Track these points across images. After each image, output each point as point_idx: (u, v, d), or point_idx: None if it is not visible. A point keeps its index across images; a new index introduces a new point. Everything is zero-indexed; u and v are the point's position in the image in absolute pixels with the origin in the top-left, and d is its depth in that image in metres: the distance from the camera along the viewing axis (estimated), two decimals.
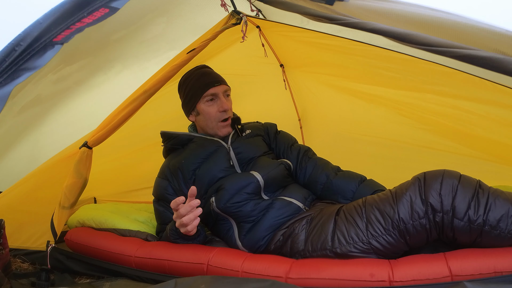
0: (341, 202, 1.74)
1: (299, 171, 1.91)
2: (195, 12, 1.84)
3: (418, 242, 1.35)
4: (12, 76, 0.89)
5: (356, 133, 2.59)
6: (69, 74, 1.49)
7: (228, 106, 1.87)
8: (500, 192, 1.26)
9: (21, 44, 0.91)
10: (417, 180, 1.35)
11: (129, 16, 1.30)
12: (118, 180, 2.63)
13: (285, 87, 2.71)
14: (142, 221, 1.99)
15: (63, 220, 1.76)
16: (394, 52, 1.58)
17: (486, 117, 1.89)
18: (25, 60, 0.91)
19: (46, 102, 1.64)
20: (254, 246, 1.64)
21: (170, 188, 1.79)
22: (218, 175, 1.76)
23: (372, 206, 1.42)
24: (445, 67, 1.55)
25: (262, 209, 1.67)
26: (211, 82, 1.85)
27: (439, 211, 1.27)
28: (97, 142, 1.71)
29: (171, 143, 1.90)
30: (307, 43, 2.08)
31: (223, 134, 1.88)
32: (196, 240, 1.64)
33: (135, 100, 1.66)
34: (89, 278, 1.74)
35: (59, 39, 0.90)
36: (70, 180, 1.72)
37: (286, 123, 2.14)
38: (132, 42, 1.71)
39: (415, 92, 2.06)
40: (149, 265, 1.62)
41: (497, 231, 1.21)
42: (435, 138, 2.23)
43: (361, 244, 1.38)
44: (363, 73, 2.16)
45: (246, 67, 2.57)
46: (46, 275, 1.58)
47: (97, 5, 0.91)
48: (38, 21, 0.92)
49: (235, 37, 1.88)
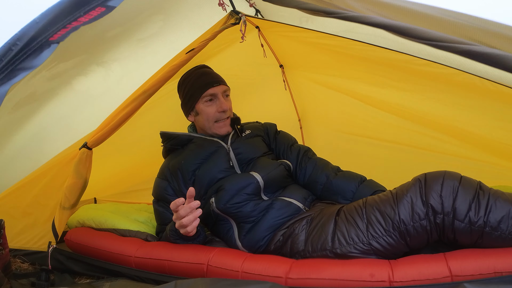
0: (341, 202, 1.74)
1: (299, 171, 1.90)
2: (193, 11, 1.84)
3: (419, 243, 1.34)
4: (8, 76, 0.89)
5: (355, 134, 2.58)
6: (64, 71, 1.48)
7: (227, 106, 1.86)
8: (501, 193, 1.26)
9: (17, 43, 0.90)
10: (417, 181, 1.35)
11: (125, 14, 1.30)
12: (118, 180, 2.63)
13: (285, 88, 2.71)
14: (142, 221, 1.99)
15: (64, 220, 1.76)
16: (394, 52, 1.58)
17: (486, 117, 1.89)
18: (22, 60, 0.90)
19: (41, 99, 1.63)
20: (254, 247, 1.64)
21: (170, 188, 1.79)
22: (218, 176, 1.76)
23: (373, 207, 1.41)
24: (445, 67, 1.55)
25: (262, 210, 1.67)
26: (210, 82, 1.85)
27: (440, 212, 1.27)
28: (97, 143, 1.71)
29: (171, 143, 1.90)
30: (306, 43, 2.07)
31: (222, 133, 1.87)
32: (196, 240, 1.64)
33: (135, 101, 1.66)
34: (89, 278, 1.74)
35: (55, 38, 0.90)
36: (70, 181, 1.72)
37: (286, 123, 2.14)
38: (128, 40, 1.71)
39: (415, 93, 2.06)
40: (149, 265, 1.62)
41: (498, 232, 1.21)
42: (434, 140, 2.23)
43: (361, 245, 1.38)
44: (363, 73, 2.15)
45: (246, 68, 2.56)
46: (46, 275, 1.59)
47: (94, 4, 0.91)
48: (35, 21, 0.91)
49: (234, 37, 1.88)
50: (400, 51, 1.57)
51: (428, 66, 1.58)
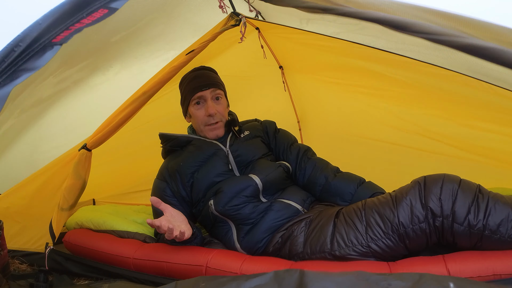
0: (339, 204, 1.74)
1: (299, 171, 1.90)
2: (194, 13, 1.84)
3: (418, 246, 1.35)
4: (11, 77, 0.89)
5: (355, 135, 2.59)
6: (69, 76, 1.48)
7: (214, 110, 1.82)
8: (500, 196, 1.26)
9: (20, 44, 0.90)
10: (417, 184, 1.35)
11: (128, 16, 1.30)
12: (117, 182, 2.63)
13: (284, 89, 2.71)
14: (140, 223, 1.99)
15: (62, 221, 1.75)
16: (393, 54, 1.59)
17: (485, 119, 1.89)
18: (24, 61, 0.90)
19: (45, 103, 1.63)
20: (252, 248, 1.64)
21: (169, 189, 1.79)
22: (217, 179, 1.75)
23: (372, 210, 1.42)
24: (443, 69, 1.55)
25: (260, 212, 1.67)
26: (198, 86, 1.84)
27: (439, 215, 1.27)
28: (96, 144, 1.71)
29: (170, 144, 1.90)
30: (306, 45, 2.08)
31: (211, 137, 1.86)
32: (194, 242, 1.63)
33: (134, 102, 1.66)
34: (87, 279, 1.74)
35: (58, 40, 0.90)
36: (69, 182, 1.72)
37: (285, 125, 2.13)
38: (131, 42, 1.71)
39: (413, 95, 2.06)
40: (147, 267, 1.61)
41: (497, 235, 1.21)
42: (434, 141, 2.23)
43: (360, 247, 1.38)
44: (362, 75, 2.16)
45: (245, 69, 2.57)
46: (44, 277, 1.58)
47: (97, 6, 0.91)
48: (38, 22, 0.92)
49: (235, 38, 1.88)
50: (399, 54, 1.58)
51: (427, 67, 1.59)
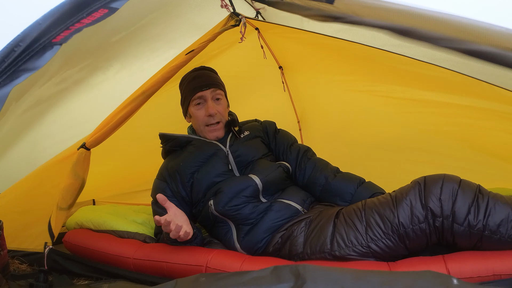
0: (339, 204, 1.74)
1: (299, 172, 1.90)
2: (194, 12, 1.84)
3: (418, 246, 1.35)
4: (11, 77, 0.89)
5: (355, 135, 2.58)
6: (69, 76, 1.48)
7: (214, 110, 1.82)
8: (500, 196, 1.26)
9: (20, 44, 0.90)
10: (417, 184, 1.35)
11: (128, 16, 1.30)
12: (117, 182, 2.62)
13: (284, 89, 2.71)
14: (140, 223, 1.99)
15: (61, 221, 1.75)
16: (393, 54, 1.59)
17: (485, 118, 1.90)
18: (24, 61, 0.90)
19: (45, 103, 1.63)
20: (252, 248, 1.64)
21: (168, 189, 1.79)
22: (216, 179, 1.75)
23: (372, 210, 1.42)
24: (443, 69, 1.55)
25: (260, 212, 1.67)
26: (198, 86, 1.84)
27: (439, 216, 1.27)
28: (95, 144, 1.70)
29: (170, 145, 1.90)
30: (306, 44, 2.08)
31: (211, 138, 1.86)
32: (194, 242, 1.63)
33: (134, 101, 1.66)
34: (87, 279, 1.74)
35: (58, 40, 0.90)
36: (67, 181, 1.71)
37: (285, 125, 2.13)
38: (131, 42, 1.71)
39: (414, 95, 2.06)
40: (147, 267, 1.61)
41: (497, 236, 1.21)
42: (434, 141, 2.23)
43: (360, 247, 1.38)
44: (363, 74, 2.16)
45: (245, 69, 2.56)
46: (44, 277, 1.58)
47: (97, 6, 0.91)
48: (38, 22, 0.91)
49: (234, 38, 1.88)
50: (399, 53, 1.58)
51: (427, 67, 1.59)
